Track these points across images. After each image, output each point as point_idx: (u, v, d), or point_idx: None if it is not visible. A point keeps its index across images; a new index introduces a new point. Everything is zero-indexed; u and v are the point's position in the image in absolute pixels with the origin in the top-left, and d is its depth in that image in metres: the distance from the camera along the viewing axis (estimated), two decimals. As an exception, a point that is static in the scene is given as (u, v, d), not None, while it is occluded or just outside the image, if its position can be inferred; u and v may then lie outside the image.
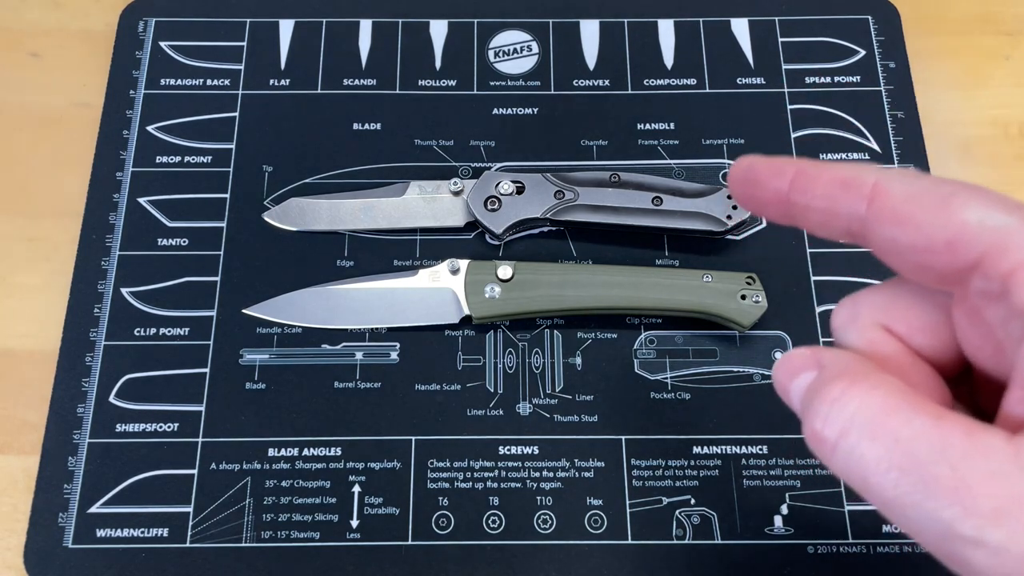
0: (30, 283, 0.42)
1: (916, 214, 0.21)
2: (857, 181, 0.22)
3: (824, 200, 0.22)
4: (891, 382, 0.21)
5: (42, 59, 0.48)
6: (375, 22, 0.48)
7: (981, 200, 0.20)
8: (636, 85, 0.46)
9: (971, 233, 0.20)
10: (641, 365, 0.40)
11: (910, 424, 0.20)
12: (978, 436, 0.19)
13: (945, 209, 0.20)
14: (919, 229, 0.21)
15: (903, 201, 0.21)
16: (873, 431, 0.20)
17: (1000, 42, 0.48)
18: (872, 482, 0.20)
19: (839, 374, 0.21)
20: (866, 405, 0.20)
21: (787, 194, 0.23)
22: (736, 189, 0.24)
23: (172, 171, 0.44)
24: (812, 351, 0.23)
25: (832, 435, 0.20)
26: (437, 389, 0.40)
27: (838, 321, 0.25)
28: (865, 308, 0.24)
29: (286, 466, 0.38)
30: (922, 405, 0.20)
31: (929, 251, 0.21)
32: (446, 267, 0.41)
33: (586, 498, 0.38)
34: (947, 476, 0.19)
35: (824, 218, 0.23)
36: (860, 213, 0.22)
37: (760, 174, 0.24)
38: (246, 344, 0.40)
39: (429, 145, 0.45)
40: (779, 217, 0.24)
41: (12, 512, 0.38)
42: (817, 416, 0.21)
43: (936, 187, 0.21)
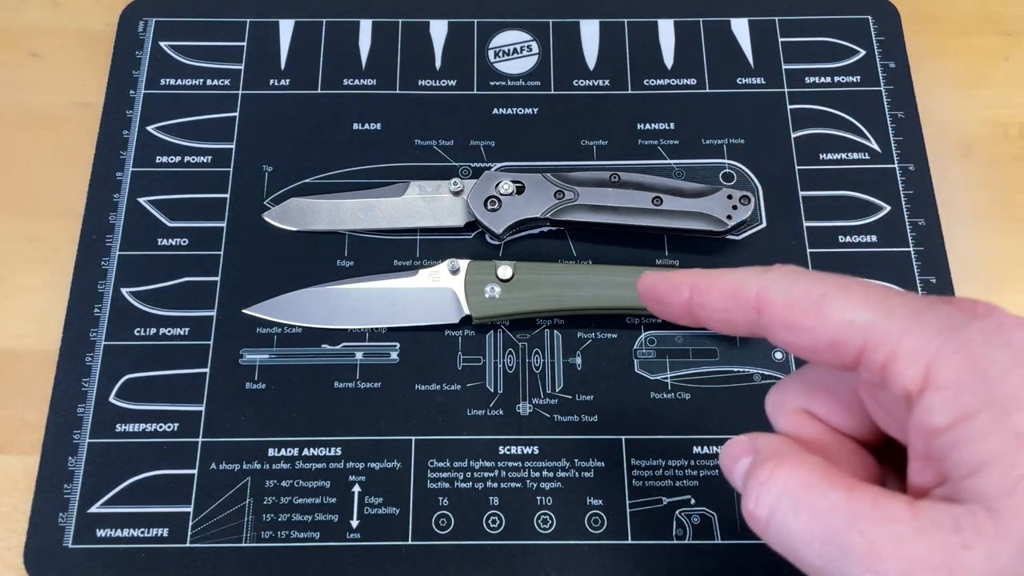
0: (30, 283, 0.42)
1: (798, 320, 0.23)
2: (743, 293, 0.24)
3: (721, 312, 0.25)
4: (812, 461, 0.23)
5: (42, 59, 0.48)
6: (375, 22, 0.48)
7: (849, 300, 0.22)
8: (636, 85, 0.46)
9: (844, 334, 0.22)
10: (641, 365, 0.40)
11: (826, 498, 0.22)
12: (883, 504, 0.21)
13: (820, 313, 0.23)
14: (804, 333, 0.23)
15: (785, 309, 0.23)
16: (796, 507, 0.22)
17: (1000, 42, 0.48)
18: (801, 553, 0.22)
19: (768, 457, 0.23)
20: (789, 484, 0.22)
21: (690, 308, 0.25)
22: (648, 305, 0.27)
23: (172, 171, 0.44)
24: (750, 438, 0.25)
25: (763, 514, 0.23)
26: (437, 389, 0.40)
27: (768, 408, 0.27)
28: (788, 396, 0.26)
29: (286, 466, 0.38)
30: (837, 480, 0.22)
31: (817, 351, 0.23)
32: (446, 267, 0.41)
33: (586, 498, 0.38)
34: (859, 543, 0.21)
35: (727, 326, 0.25)
36: (754, 320, 0.24)
37: (660, 293, 0.26)
38: (246, 344, 0.40)
39: (429, 145, 0.45)
40: (690, 324, 0.26)
41: (12, 512, 0.38)
42: (750, 497, 0.23)
43: (810, 289, 0.23)
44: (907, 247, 0.42)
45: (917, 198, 0.43)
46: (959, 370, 0.21)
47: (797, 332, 0.23)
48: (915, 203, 0.43)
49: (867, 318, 0.22)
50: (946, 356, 0.21)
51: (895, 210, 0.43)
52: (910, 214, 0.43)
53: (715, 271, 0.25)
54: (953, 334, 0.21)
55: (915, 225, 0.43)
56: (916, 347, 0.21)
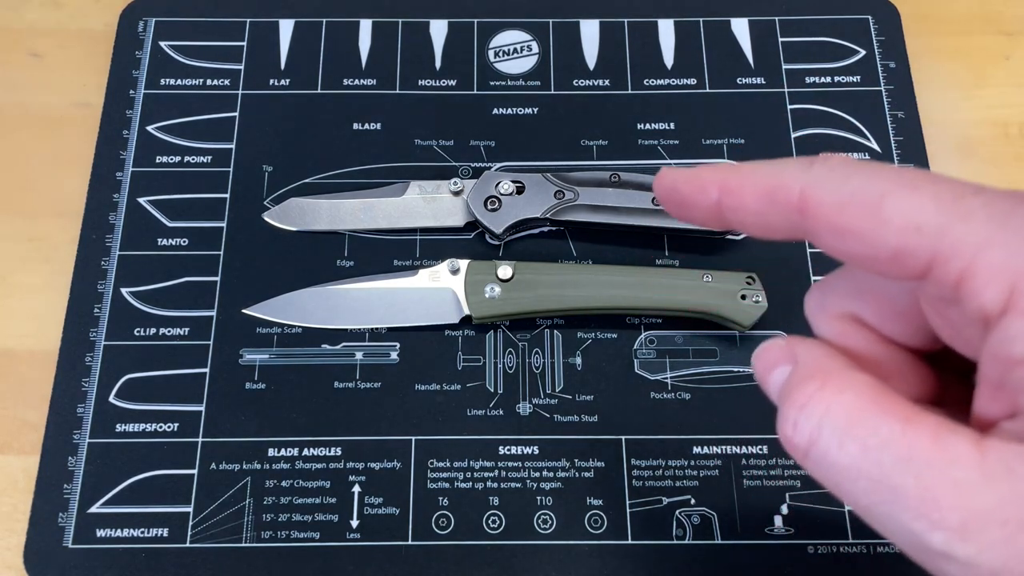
0: (30, 283, 0.42)
1: (852, 224, 0.20)
2: (783, 192, 0.21)
3: (756, 216, 0.21)
4: (860, 382, 0.20)
5: (42, 59, 0.48)
6: (375, 22, 0.48)
7: (915, 200, 0.19)
8: (636, 85, 0.46)
9: (911, 243, 0.19)
10: (641, 365, 0.40)
11: (877, 431, 0.19)
12: (945, 441, 0.18)
13: (879, 217, 0.19)
14: (860, 240, 0.20)
15: (835, 212, 0.20)
16: (841, 438, 0.19)
17: (1000, 42, 0.48)
18: (845, 489, 0.20)
19: (809, 374, 0.21)
20: (834, 410, 0.20)
21: (718, 210, 0.22)
22: (668, 207, 0.23)
23: (172, 171, 0.44)
24: (788, 342, 0.22)
25: (802, 442, 0.20)
26: (437, 389, 0.40)
27: (808, 310, 0.24)
28: (832, 297, 0.23)
29: (286, 466, 0.38)
30: (891, 407, 0.19)
31: (877, 262, 0.20)
32: (446, 267, 0.41)
33: (586, 498, 0.38)
34: (913, 487, 0.18)
35: (764, 229, 0.22)
36: (796, 223, 0.21)
37: (684, 195, 0.23)
38: (246, 344, 0.40)
39: (429, 145, 0.45)
40: (718, 227, 0.23)
41: (12, 512, 0.38)
42: (787, 421, 0.20)
43: (866, 187, 0.19)
44: (907, 247, 0.42)
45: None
46: None
47: (851, 239, 0.20)
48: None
49: (938, 223, 0.18)
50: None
51: (895, 210, 0.43)
52: (910, 214, 0.43)
53: (748, 165, 0.22)
54: None
55: (915, 225, 0.43)
56: (998, 261, 0.18)
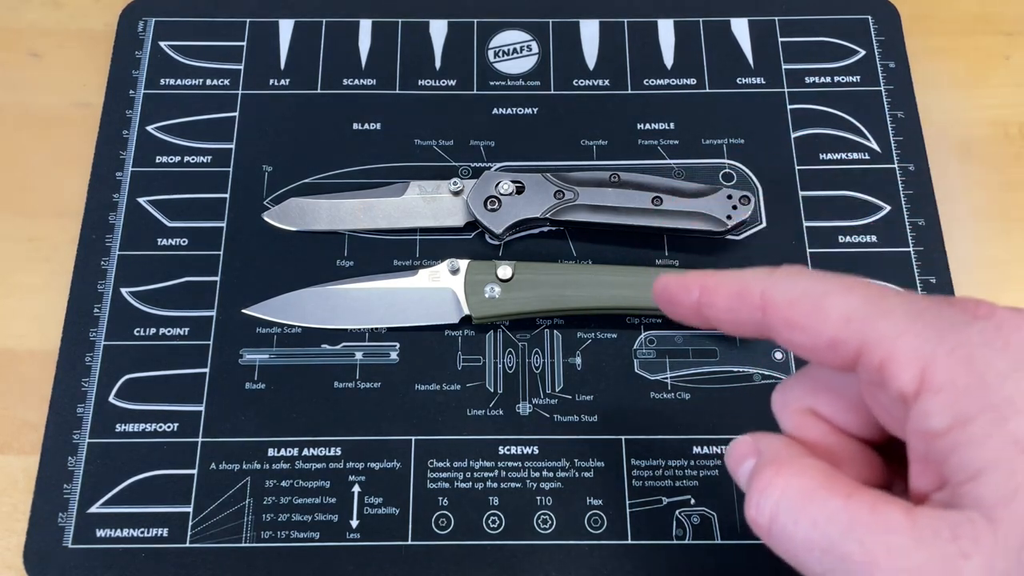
0: (30, 283, 0.42)
1: (800, 319, 0.23)
2: (748, 292, 0.24)
3: (727, 312, 0.25)
4: (812, 467, 0.23)
5: (42, 59, 0.48)
6: (375, 22, 0.48)
7: (848, 298, 0.22)
8: (636, 85, 0.46)
9: (843, 333, 0.22)
10: (641, 365, 0.40)
11: (825, 506, 0.22)
12: (881, 512, 0.21)
13: (820, 312, 0.22)
14: (805, 332, 0.23)
15: (787, 308, 0.23)
16: (795, 516, 0.22)
17: (1000, 42, 0.48)
18: (802, 559, 0.22)
19: (768, 462, 0.23)
20: (788, 492, 0.22)
21: (698, 307, 0.25)
22: (662, 307, 0.27)
23: (172, 171, 0.44)
24: (753, 439, 0.25)
25: (764, 521, 0.23)
26: (437, 389, 0.40)
27: (774, 407, 0.27)
28: (793, 395, 0.26)
29: (286, 466, 0.38)
30: (835, 486, 0.22)
31: (818, 351, 0.23)
32: (446, 267, 0.41)
33: (586, 498, 0.38)
34: (857, 552, 0.21)
35: (733, 326, 0.25)
36: (759, 320, 0.24)
37: (673, 293, 0.26)
38: (246, 344, 0.40)
39: (429, 145, 0.45)
40: (701, 326, 0.26)
41: (12, 512, 0.38)
42: (751, 504, 0.23)
43: (812, 288, 0.23)
44: (907, 247, 0.42)
45: (917, 198, 0.43)
46: (955, 373, 0.20)
47: (798, 331, 0.23)
48: (915, 203, 0.43)
49: (864, 317, 0.22)
50: (942, 358, 0.21)
51: (895, 210, 0.43)
52: (910, 214, 0.43)
53: (724, 272, 0.25)
54: (951, 335, 0.21)
55: (915, 225, 0.43)
56: (912, 348, 0.21)
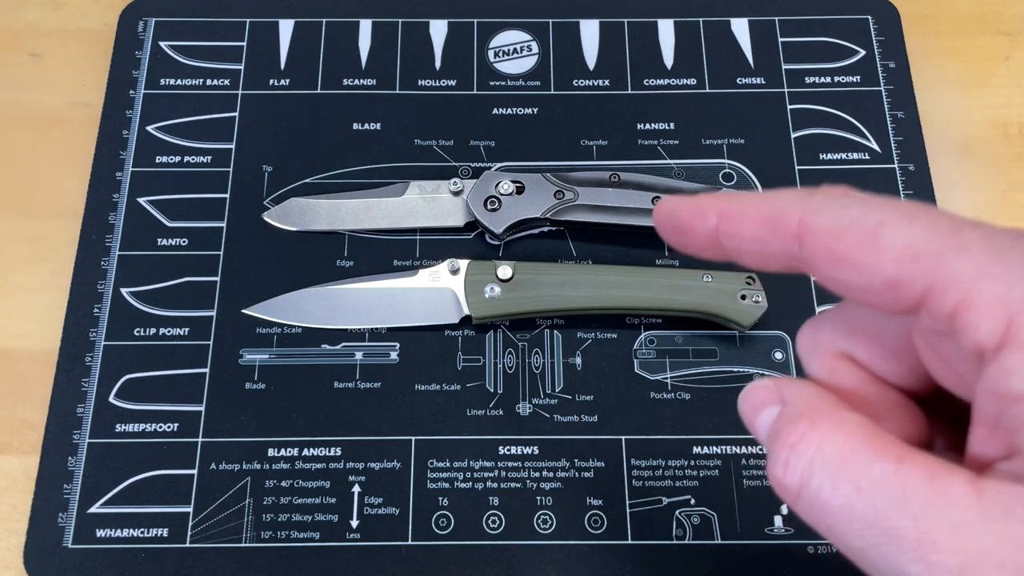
0: (30, 283, 0.42)
1: (849, 253, 0.19)
2: (782, 219, 0.20)
3: (754, 243, 0.21)
4: (852, 422, 0.19)
5: (42, 59, 0.48)
6: (375, 22, 0.48)
7: (913, 229, 0.19)
8: (636, 85, 0.46)
9: (907, 272, 0.18)
10: (641, 365, 0.40)
11: (870, 471, 0.18)
12: (940, 481, 0.18)
13: (876, 246, 0.19)
14: (856, 269, 0.19)
15: (832, 239, 0.19)
16: (834, 479, 0.19)
17: (1000, 42, 0.48)
18: (838, 532, 0.19)
19: (799, 414, 0.20)
20: (825, 450, 0.19)
21: (716, 238, 0.22)
22: (666, 236, 0.23)
23: (172, 171, 0.44)
24: (775, 384, 0.22)
25: (793, 483, 0.19)
26: (437, 389, 0.40)
27: (800, 347, 0.23)
28: (824, 335, 0.23)
29: (286, 466, 0.38)
30: (883, 447, 0.19)
31: (871, 292, 0.19)
32: (446, 267, 0.41)
33: (586, 498, 0.38)
34: (910, 529, 0.17)
35: (761, 258, 0.21)
36: (794, 253, 0.20)
37: (683, 221, 0.22)
38: (246, 344, 0.40)
39: (429, 145, 0.45)
40: (716, 258, 0.22)
41: (12, 512, 0.38)
42: (777, 462, 0.20)
43: (865, 217, 0.19)
44: (907, 247, 0.42)
45: (917, 198, 0.43)
46: None
47: (847, 267, 0.19)
48: (915, 203, 0.43)
49: (935, 252, 0.18)
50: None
51: (895, 210, 0.43)
52: (910, 214, 0.43)
53: (748, 194, 0.22)
54: None
55: (915, 225, 0.43)
56: (996, 293, 0.17)
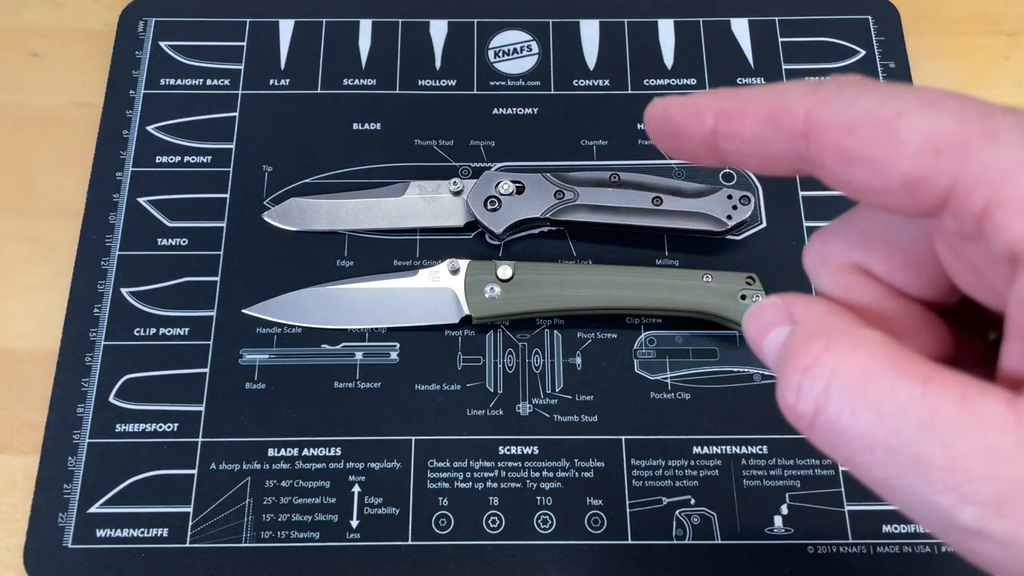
0: (30, 283, 0.42)
1: (862, 149, 0.17)
2: (787, 115, 0.18)
3: (756, 144, 0.19)
4: (872, 340, 0.17)
5: (42, 59, 0.48)
6: (375, 22, 0.48)
7: (936, 118, 0.16)
8: (636, 85, 0.46)
9: (929, 168, 0.16)
10: (641, 365, 0.40)
11: (894, 393, 0.16)
12: (974, 403, 0.16)
13: (893, 138, 0.16)
14: (870, 167, 0.17)
15: (844, 134, 0.17)
16: (853, 404, 0.17)
17: (1000, 42, 0.48)
18: (858, 461, 0.17)
19: (812, 334, 0.18)
20: (843, 372, 0.17)
21: (714, 141, 0.19)
22: (657, 139, 0.21)
23: (172, 171, 0.44)
24: (784, 301, 0.20)
25: (808, 409, 0.17)
26: (437, 389, 0.40)
27: (808, 262, 0.21)
28: (835, 246, 0.20)
29: (286, 466, 0.38)
30: (908, 367, 0.17)
31: (887, 192, 0.17)
32: (446, 267, 0.41)
33: (586, 498, 0.38)
34: (939, 456, 0.16)
35: (763, 160, 0.19)
36: (800, 152, 0.18)
37: (677, 123, 0.20)
38: (246, 344, 0.40)
39: (429, 145, 0.45)
40: (712, 163, 0.20)
41: (12, 512, 0.38)
42: (790, 387, 0.18)
43: (880, 107, 0.17)
44: (907, 247, 0.42)
45: (917, 198, 0.43)
46: None
47: (860, 166, 0.17)
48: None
49: (960, 144, 0.16)
50: None
51: (895, 210, 0.43)
52: (910, 214, 0.43)
53: (748, 89, 0.19)
54: None
55: (915, 225, 0.43)
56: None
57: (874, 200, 0.18)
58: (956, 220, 0.17)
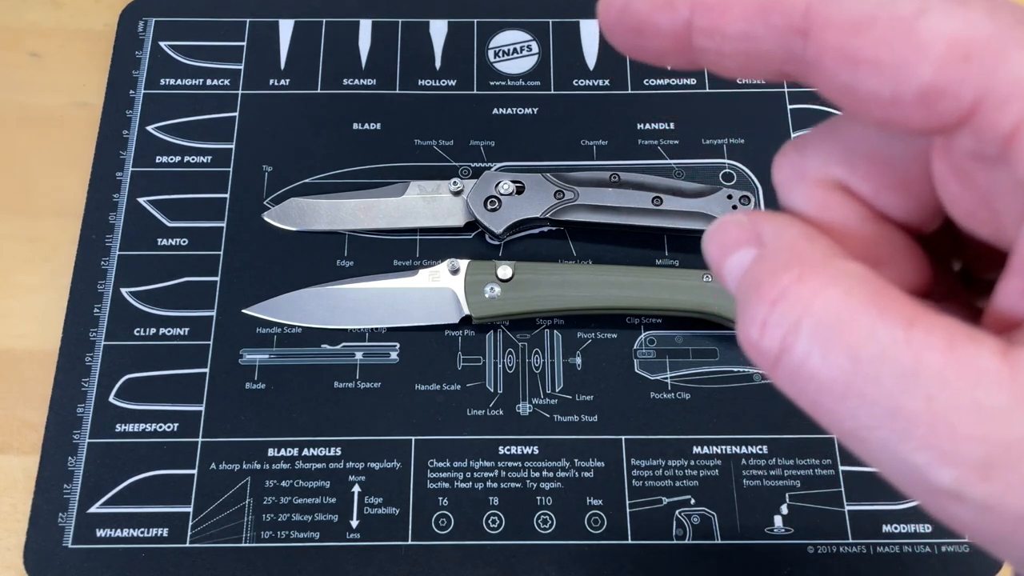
0: (30, 283, 0.42)
1: (872, 50, 0.14)
2: (782, 7, 0.15)
3: (741, 41, 0.16)
4: (851, 275, 0.15)
5: (42, 59, 0.48)
6: (375, 22, 0.48)
7: (964, 18, 0.14)
8: (636, 85, 0.46)
9: (953, 77, 0.14)
10: (641, 365, 0.40)
11: (875, 337, 0.14)
12: (964, 353, 0.14)
13: (911, 40, 0.14)
14: (882, 74, 0.14)
15: (851, 32, 0.14)
16: (826, 346, 0.15)
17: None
18: (825, 408, 0.15)
19: (783, 262, 0.16)
20: (817, 310, 0.15)
21: (687, 37, 0.16)
22: (613, 38, 0.17)
23: (172, 171, 0.44)
24: (751, 220, 0.17)
25: (772, 347, 0.15)
26: (437, 389, 0.40)
27: (779, 174, 0.18)
28: (815, 158, 0.17)
29: (286, 466, 0.38)
30: (892, 306, 0.15)
31: (897, 104, 0.14)
32: (446, 267, 0.41)
33: (586, 498, 0.38)
34: (921, 411, 0.14)
35: (747, 61, 0.16)
36: (794, 52, 0.15)
37: (643, 14, 0.16)
38: (246, 344, 0.40)
39: (429, 145, 0.45)
40: (682, 63, 0.17)
41: (12, 512, 0.38)
42: (753, 321, 0.15)
43: (897, 2, 0.14)
44: (907, 247, 0.42)
45: (917, 198, 0.43)
46: None
47: (868, 71, 0.14)
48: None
49: (993, 52, 0.14)
50: None
51: (895, 210, 0.43)
52: (910, 214, 0.43)
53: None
54: None
55: (915, 225, 0.43)
56: None
57: (879, 114, 0.15)
58: (976, 139, 0.14)
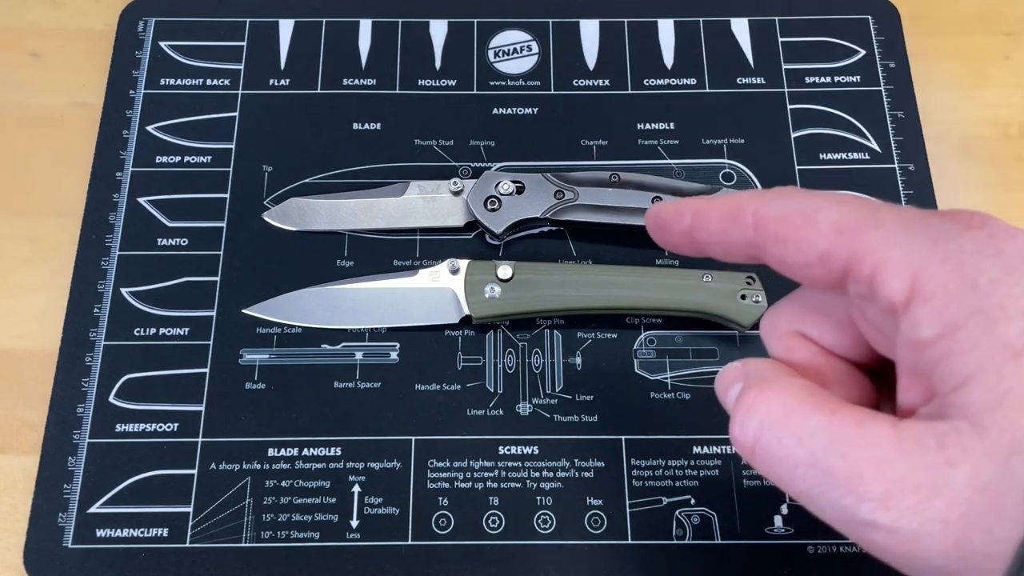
0: (30, 283, 0.42)
1: (791, 234, 0.23)
2: (740, 212, 0.24)
3: (719, 234, 0.25)
4: (796, 385, 0.23)
5: (42, 59, 0.48)
6: (375, 22, 0.48)
7: (840, 210, 0.22)
8: (636, 85, 0.46)
9: (835, 244, 0.22)
10: (641, 365, 0.40)
11: (807, 422, 0.21)
12: (866, 426, 0.21)
13: (811, 225, 0.22)
14: (796, 247, 0.23)
15: (779, 223, 0.23)
16: (779, 433, 0.22)
17: (1000, 42, 0.48)
18: (785, 479, 0.22)
19: (754, 383, 0.23)
20: (771, 410, 0.22)
21: (690, 233, 0.26)
22: (654, 236, 0.27)
23: (172, 171, 0.44)
24: (743, 363, 0.25)
25: (748, 440, 0.22)
26: (437, 389, 0.40)
27: (762, 332, 0.27)
28: (781, 318, 0.26)
29: (286, 466, 0.38)
30: (819, 403, 0.22)
31: (808, 266, 0.23)
32: (446, 267, 0.41)
33: (586, 498, 0.38)
34: (841, 467, 0.20)
35: (724, 248, 0.25)
36: (750, 239, 0.24)
37: (665, 220, 0.26)
38: (246, 344, 0.40)
39: (429, 145, 0.45)
40: (691, 253, 0.26)
41: (12, 512, 0.38)
42: (735, 424, 0.23)
43: (805, 204, 0.23)
44: (907, 247, 0.42)
45: (917, 198, 0.43)
46: (946, 280, 0.20)
47: (789, 246, 0.23)
48: (915, 203, 0.43)
49: (855, 227, 0.22)
50: (933, 266, 0.20)
51: (895, 210, 0.43)
52: (910, 214, 0.43)
53: (716, 195, 0.26)
54: (943, 245, 0.21)
55: (915, 225, 0.43)
56: (903, 256, 0.21)
57: (801, 274, 0.23)
58: (856, 284, 0.22)
